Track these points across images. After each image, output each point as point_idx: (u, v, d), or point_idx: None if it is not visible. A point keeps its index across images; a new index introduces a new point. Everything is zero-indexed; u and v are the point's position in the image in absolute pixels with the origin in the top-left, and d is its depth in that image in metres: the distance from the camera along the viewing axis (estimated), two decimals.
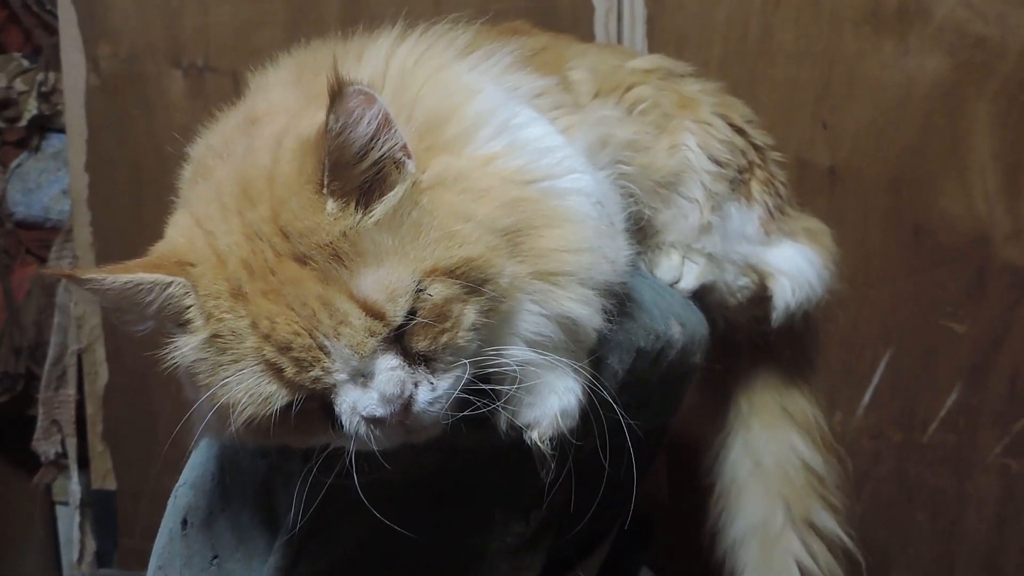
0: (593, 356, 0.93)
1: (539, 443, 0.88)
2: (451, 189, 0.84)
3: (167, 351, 0.84)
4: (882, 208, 1.86)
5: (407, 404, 0.81)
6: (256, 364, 0.80)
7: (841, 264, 1.38)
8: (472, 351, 0.83)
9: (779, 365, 1.41)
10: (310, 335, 0.78)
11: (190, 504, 0.98)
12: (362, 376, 0.80)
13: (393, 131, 0.81)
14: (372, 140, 0.80)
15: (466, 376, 0.83)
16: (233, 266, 0.81)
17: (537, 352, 0.86)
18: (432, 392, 0.82)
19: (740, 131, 1.30)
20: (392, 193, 0.81)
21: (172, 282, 0.83)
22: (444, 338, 0.81)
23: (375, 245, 0.79)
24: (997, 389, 1.89)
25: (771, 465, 1.39)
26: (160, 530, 1.00)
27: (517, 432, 0.88)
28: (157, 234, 0.91)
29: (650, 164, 1.20)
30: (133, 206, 1.99)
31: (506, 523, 0.94)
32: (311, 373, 0.79)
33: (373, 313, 0.79)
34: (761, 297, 1.31)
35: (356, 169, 0.80)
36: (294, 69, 0.99)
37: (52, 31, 2.14)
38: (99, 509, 2.17)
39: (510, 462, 0.92)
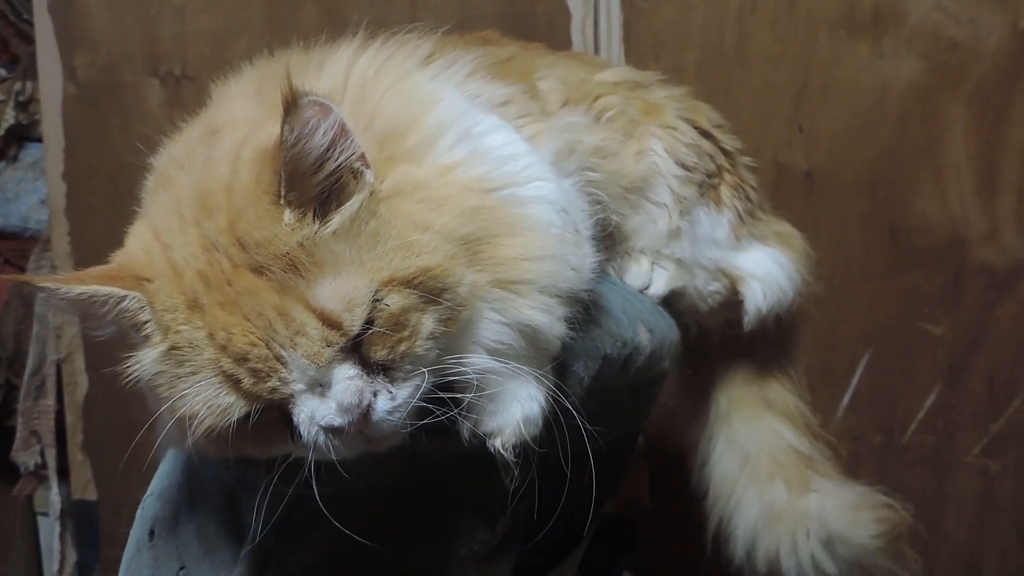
0: (556, 363, 0.93)
1: (502, 451, 0.87)
2: (410, 198, 0.84)
3: (127, 364, 0.84)
4: (859, 211, 1.87)
5: (365, 413, 0.80)
6: (213, 375, 0.80)
7: (815, 267, 1.38)
8: (431, 359, 0.83)
9: (755, 360, 1.41)
10: (267, 346, 0.78)
11: (156, 515, 0.98)
12: (320, 386, 0.80)
13: (350, 141, 0.81)
14: (328, 150, 0.80)
15: (425, 385, 0.83)
16: (189, 279, 0.81)
17: (498, 360, 0.86)
18: (391, 401, 0.82)
19: (707, 135, 1.30)
20: (349, 203, 0.81)
21: (127, 296, 0.83)
22: (402, 347, 0.81)
23: (332, 255, 0.79)
24: (975, 390, 1.90)
25: (759, 454, 1.37)
26: (128, 541, 1.00)
27: (480, 440, 0.88)
28: None
29: (618, 170, 1.19)
30: (111, 215, 1.98)
31: (472, 531, 0.94)
32: (268, 384, 0.79)
33: (330, 323, 0.78)
34: (732, 301, 1.31)
35: (313, 179, 0.80)
36: (255, 80, 0.98)
37: (29, 40, 2.13)
38: (80, 519, 2.17)
39: (474, 470, 0.92)
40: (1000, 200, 1.83)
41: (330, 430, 0.81)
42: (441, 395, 0.84)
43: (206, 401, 0.80)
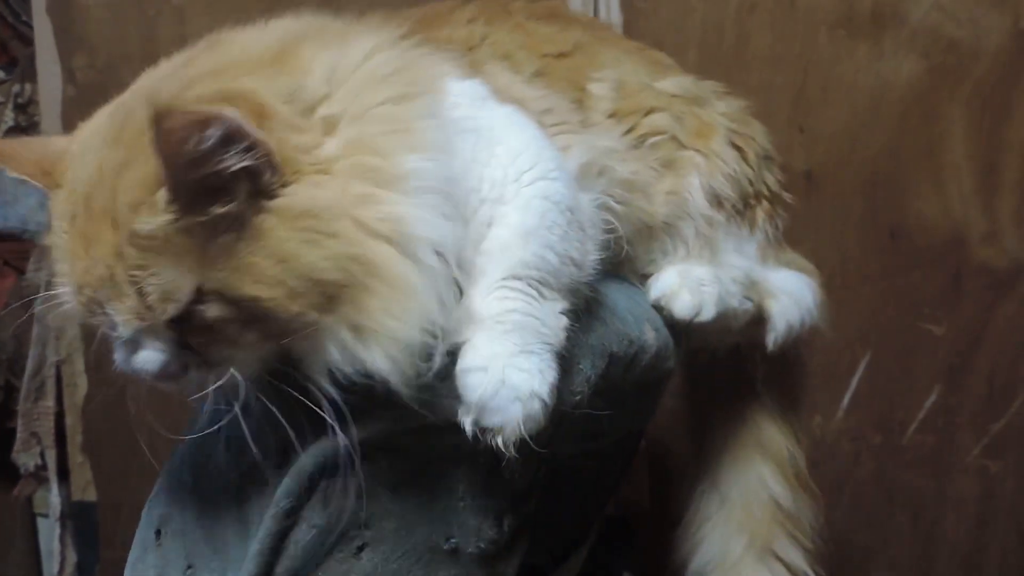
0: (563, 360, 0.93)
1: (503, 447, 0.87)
2: (291, 224, 0.80)
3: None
4: (858, 211, 1.87)
5: (170, 376, 0.84)
6: (66, 284, 0.85)
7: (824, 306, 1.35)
8: (250, 363, 0.85)
9: (756, 398, 1.37)
10: (95, 291, 0.82)
11: (163, 514, 0.98)
12: (131, 343, 0.84)
13: (243, 147, 0.77)
14: (208, 157, 0.76)
15: (239, 378, 0.84)
16: (77, 196, 0.83)
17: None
18: (201, 374, 0.85)
19: (754, 163, 1.26)
20: (215, 208, 0.78)
21: (43, 190, 0.88)
22: (215, 347, 0.83)
23: (177, 247, 0.79)
24: (975, 390, 1.90)
25: (736, 499, 1.36)
26: (134, 542, 0.99)
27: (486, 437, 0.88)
28: None
29: (643, 209, 1.16)
30: None
31: (479, 529, 0.94)
32: (94, 319, 0.84)
33: (144, 304, 0.80)
34: (758, 323, 1.27)
35: (190, 176, 0.77)
36: (297, 28, 0.95)
37: (28, 42, 2.12)
38: (80, 521, 2.16)
39: (482, 467, 0.92)
40: (1000, 200, 1.83)
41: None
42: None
43: (62, 299, 0.86)
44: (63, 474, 2.15)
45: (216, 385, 0.84)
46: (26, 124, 2.18)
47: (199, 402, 0.92)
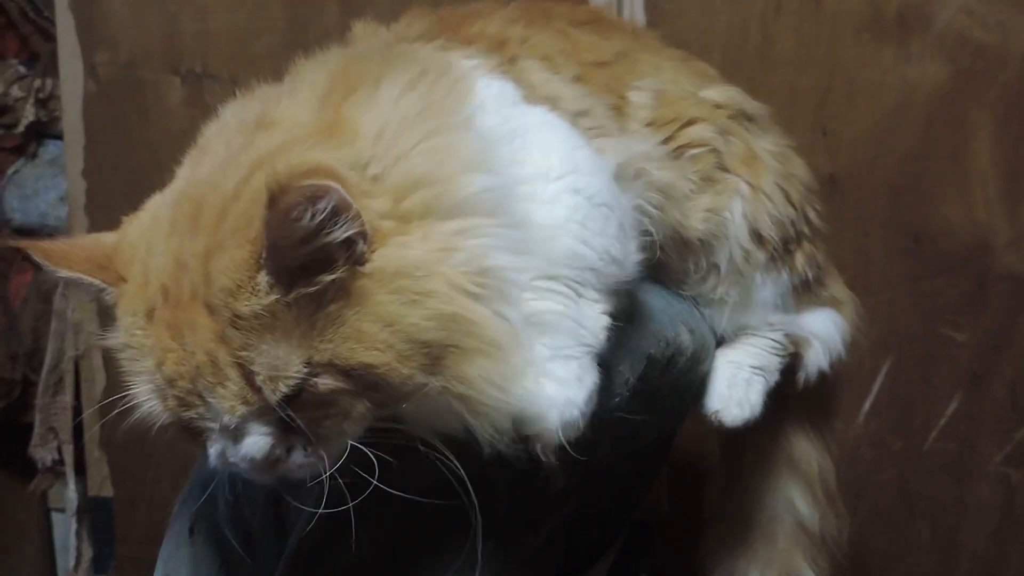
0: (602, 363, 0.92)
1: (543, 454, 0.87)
2: (387, 285, 0.80)
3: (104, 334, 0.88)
4: (882, 216, 1.86)
5: (273, 464, 0.82)
6: (149, 383, 0.82)
7: (863, 325, 1.35)
8: (357, 433, 0.83)
9: (790, 411, 1.34)
10: (191, 381, 0.79)
11: (198, 510, 0.98)
12: (233, 431, 0.81)
13: (347, 218, 0.77)
14: (311, 233, 0.76)
15: (346, 451, 0.82)
16: (153, 289, 0.82)
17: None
18: (305, 458, 0.82)
19: (797, 202, 1.23)
20: (323, 277, 0.78)
21: (105, 289, 0.86)
22: (327, 422, 0.81)
23: (283, 323, 0.77)
24: (998, 397, 1.89)
25: (761, 526, 1.35)
26: (166, 536, 0.99)
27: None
28: None
29: (680, 222, 1.13)
30: (130, 212, 1.96)
31: (516, 532, 0.94)
32: (188, 413, 0.81)
33: (252, 385, 0.78)
34: (791, 368, 1.26)
35: (295, 252, 0.77)
36: (327, 80, 0.94)
37: (49, 37, 2.12)
38: (96, 516, 2.16)
39: (518, 471, 0.91)
40: None
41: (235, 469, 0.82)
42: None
43: (141, 399, 0.83)
44: (80, 469, 2.15)
45: (330, 471, 0.82)
46: (47, 119, 2.18)
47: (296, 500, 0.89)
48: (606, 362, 0.93)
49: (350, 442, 0.82)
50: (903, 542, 1.96)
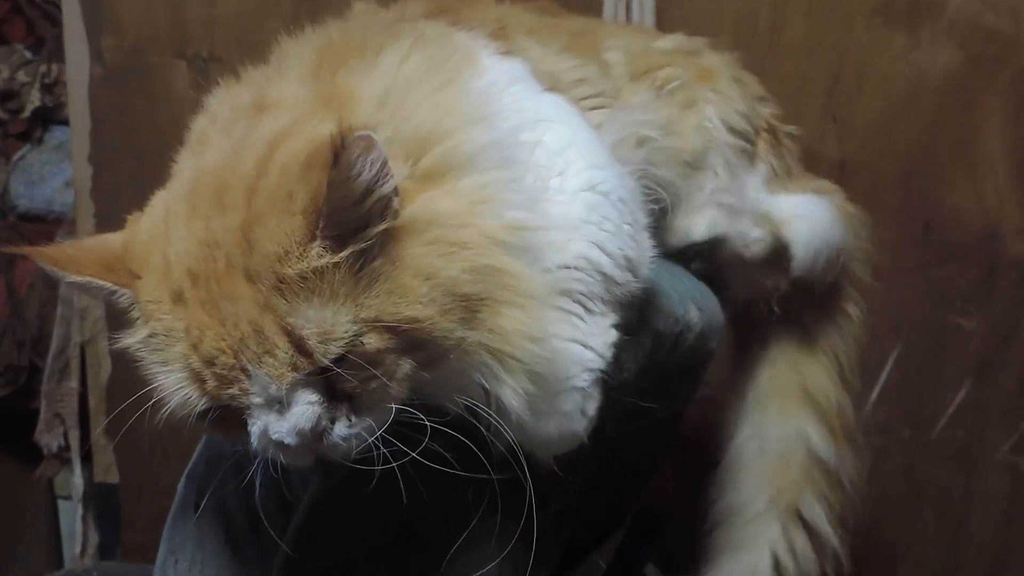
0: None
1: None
2: (421, 237, 0.80)
3: (119, 337, 0.86)
4: (892, 203, 1.84)
5: (319, 436, 0.80)
6: (182, 369, 0.80)
7: (858, 224, 1.38)
8: (401, 397, 0.82)
9: (803, 331, 1.38)
10: (234, 355, 0.78)
11: (204, 486, 0.97)
12: (278, 403, 0.80)
13: (387, 175, 0.78)
14: (369, 187, 0.77)
15: (390, 418, 0.82)
16: (178, 274, 0.81)
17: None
18: (349, 429, 0.81)
19: (756, 99, 1.36)
20: (365, 235, 0.78)
21: (117, 291, 0.85)
22: (372, 384, 0.80)
23: (329, 285, 0.77)
24: (1006, 386, 1.88)
25: (774, 451, 1.35)
26: (171, 513, 0.98)
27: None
28: None
29: (681, 147, 1.21)
30: (136, 198, 1.92)
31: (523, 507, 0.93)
32: (229, 391, 0.79)
33: (301, 350, 0.77)
34: (779, 252, 1.29)
35: (350, 215, 0.77)
36: (315, 58, 0.94)
37: (55, 22, 2.13)
38: (102, 502, 2.16)
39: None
40: None
41: (280, 445, 0.81)
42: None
43: (172, 390, 0.81)
44: (86, 455, 2.15)
45: (361, 446, 0.82)
46: (53, 104, 2.18)
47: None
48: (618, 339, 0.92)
49: (394, 406, 0.82)
50: (911, 530, 1.96)
